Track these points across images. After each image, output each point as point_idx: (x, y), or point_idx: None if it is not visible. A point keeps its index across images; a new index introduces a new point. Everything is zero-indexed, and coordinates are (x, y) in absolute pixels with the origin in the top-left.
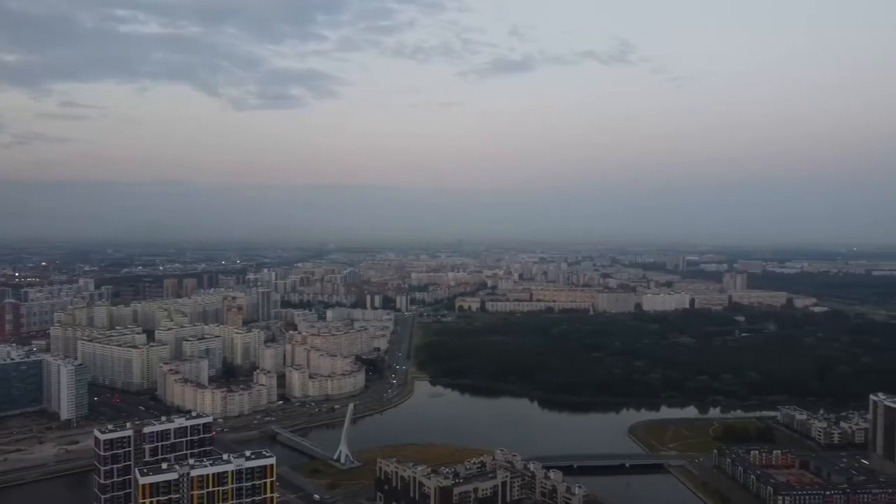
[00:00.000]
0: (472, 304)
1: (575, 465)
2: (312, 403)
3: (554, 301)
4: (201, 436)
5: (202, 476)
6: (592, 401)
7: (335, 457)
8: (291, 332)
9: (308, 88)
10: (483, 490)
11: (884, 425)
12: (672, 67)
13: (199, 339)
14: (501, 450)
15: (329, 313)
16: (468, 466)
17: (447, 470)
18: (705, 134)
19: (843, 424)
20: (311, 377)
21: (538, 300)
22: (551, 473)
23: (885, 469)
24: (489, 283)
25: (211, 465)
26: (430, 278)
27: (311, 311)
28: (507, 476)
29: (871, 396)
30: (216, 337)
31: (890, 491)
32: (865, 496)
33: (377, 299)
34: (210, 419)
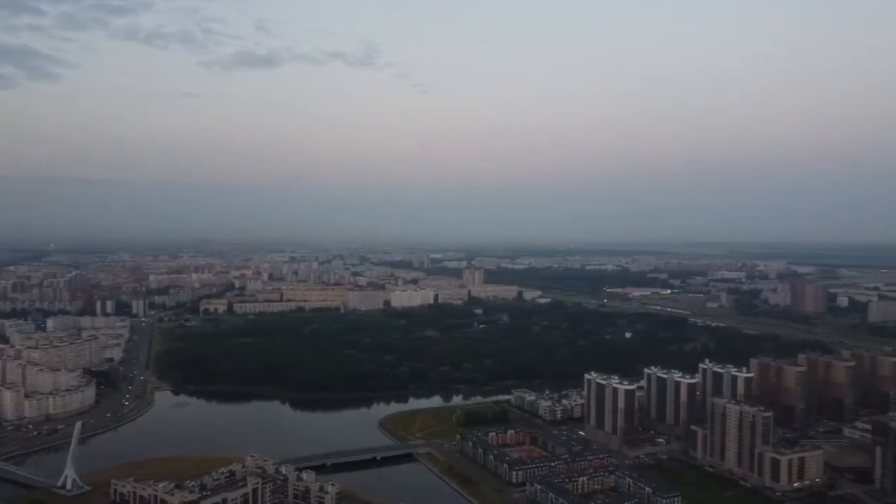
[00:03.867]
0: (219, 306)
1: (328, 464)
2: (30, 426)
3: (305, 300)
4: None
5: None
6: (345, 397)
7: (59, 483)
8: (2, 346)
9: (21, 68)
10: (233, 500)
11: (595, 400)
12: (416, 74)
13: None
14: (252, 456)
15: (50, 322)
16: (216, 477)
17: (193, 483)
18: (449, 139)
19: (564, 402)
20: (27, 396)
21: (289, 300)
22: (304, 474)
23: (597, 437)
24: (237, 283)
25: None
26: (172, 280)
27: (26, 320)
28: (258, 482)
29: (586, 375)
30: None
31: (601, 456)
32: (582, 463)
33: (110, 305)
34: None
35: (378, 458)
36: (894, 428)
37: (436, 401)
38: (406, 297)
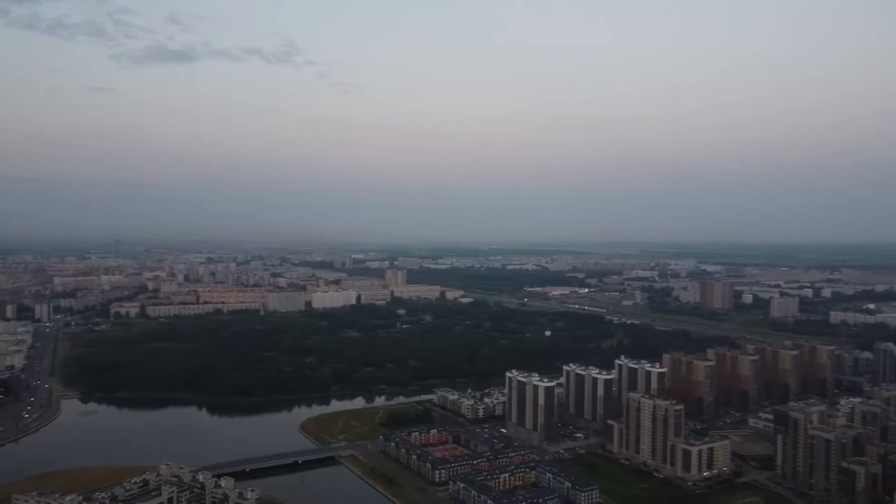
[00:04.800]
0: (131, 309)
1: (247, 469)
2: None
3: (223, 302)
4: None
5: None
6: (265, 401)
7: None
8: None
9: None
10: None
11: (516, 397)
12: (337, 73)
13: None
14: (167, 464)
15: None
16: (128, 487)
17: (103, 495)
18: (370, 139)
19: (486, 400)
20: None
21: (206, 302)
22: (222, 481)
23: (518, 434)
24: (150, 285)
25: None
26: (80, 283)
27: None
28: (173, 491)
29: (507, 373)
30: None
31: (522, 452)
32: (504, 459)
33: (10, 309)
34: None
35: (299, 461)
36: (794, 417)
37: (359, 402)
38: (328, 298)
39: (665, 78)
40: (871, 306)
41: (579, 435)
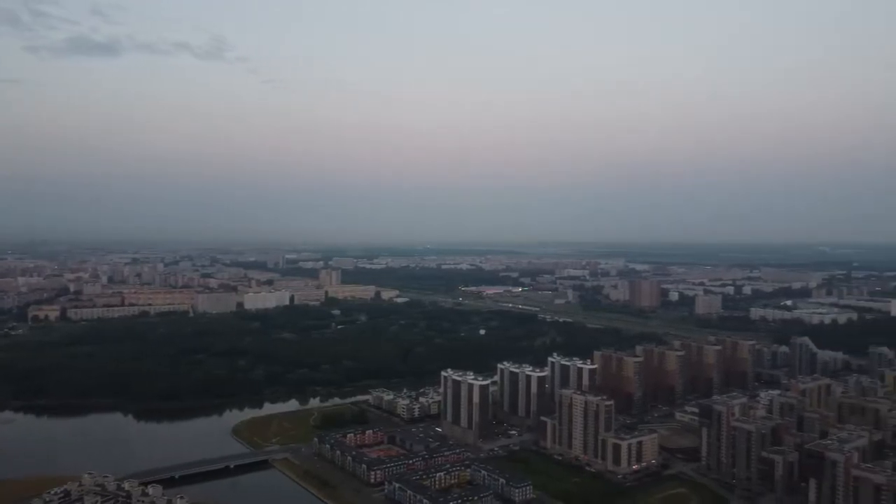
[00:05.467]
0: (51, 312)
1: (176, 476)
2: None
3: (150, 304)
4: None
5: None
6: (194, 406)
7: None
8: None
9: None
10: None
11: (451, 396)
12: (268, 69)
13: None
14: (90, 473)
15: None
16: (48, 499)
17: None
18: (303, 136)
19: (421, 399)
20: None
21: (132, 304)
22: (150, 489)
23: (454, 433)
24: (72, 287)
25: None
26: None
27: None
28: (96, 501)
29: (442, 373)
30: None
31: (457, 451)
32: (439, 458)
33: None
34: None
35: (231, 466)
36: (717, 410)
37: (292, 404)
38: (260, 299)
39: (599, 79)
40: (788, 303)
41: (513, 432)
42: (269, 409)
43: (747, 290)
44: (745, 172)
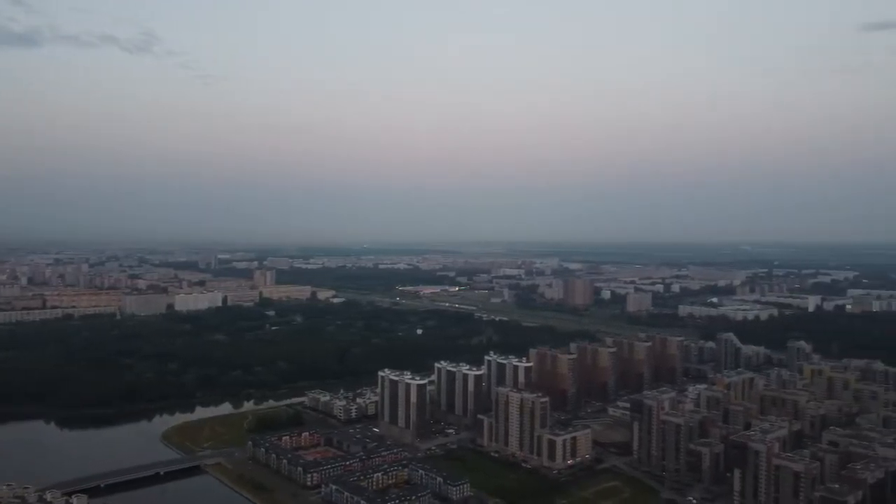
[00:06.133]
0: None
1: (102, 485)
2: None
3: (74, 307)
4: None
5: None
6: (122, 412)
7: None
8: None
9: None
10: None
11: (389, 396)
12: (200, 64)
13: None
14: (9, 484)
15: None
16: None
17: None
18: (236, 133)
19: (358, 400)
20: None
21: (54, 307)
22: (74, 499)
23: (391, 433)
24: None
25: None
26: None
27: None
28: None
29: (380, 373)
30: None
31: (395, 450)
32: (377, 459)
33: None
34: None
35: (161, 473)
36: (648, 405)
37: (226, 408)
38: (192, 300)
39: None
40: (714, 300)
41: (451, 431)
42: (201, 413)
43: (676, 288)
44: (675, 174)
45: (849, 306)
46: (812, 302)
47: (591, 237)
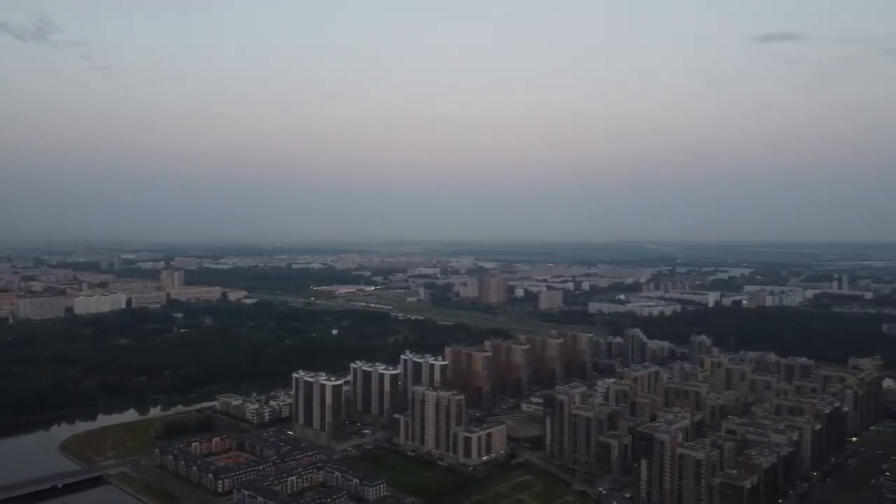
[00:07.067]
0: None
1: None
2: None
3: None
4: None
5: None
6: (16, 421)
7: None
8: None
9: None
10: None
11: (303, 398)
12: (101, 56)
13: None
14: None
15: None
16: None
17: None
18: (139, 128)
19: (272, 403)
20: None
21: None
22: None
23: (306, 435)
24: None
25: None
26: None
27: None
28: None
29: (294, 374)
30: None
31: (309, 453)
32: (291, 462)
33: None
34: None
35: (59, 485)
36: (560, 399)
37: (131, 415)
38: (93, 303)
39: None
40: (622, 297)
41: (367, 431)
42: (104, 421)
43: (585, 285)
44: (578, 175)
45: (745, 302)
46: (712, 298)
47: (505, 237)
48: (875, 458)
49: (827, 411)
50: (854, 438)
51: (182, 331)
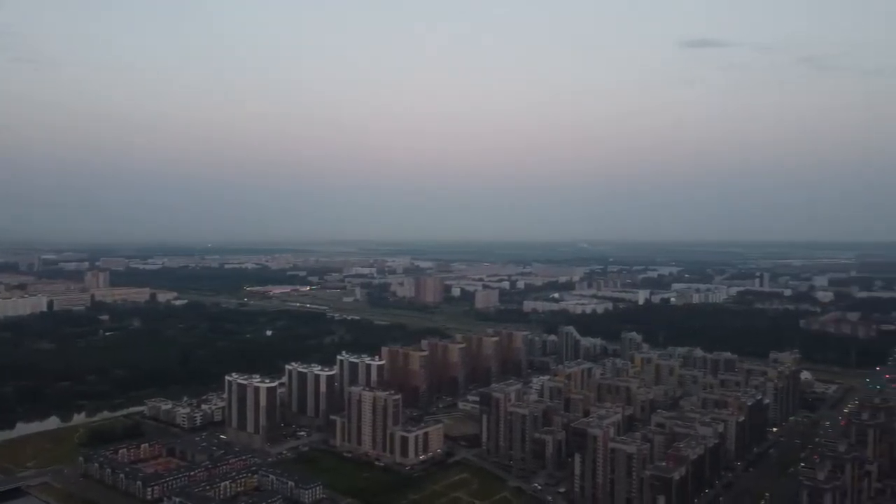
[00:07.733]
0: None
1: None
2: None
3: None
4: None
5: None
6: None
7: None
8: None
9: None
10: None
11: (237, 401)
12: (24, 47)
13: None
14: None
15: None
16: None
17: None
18: (65, 123)
19: (204, 407)
20: None
21: None
22: None
23: (240, 439)
24: None
25: None
26: None
27: None
28: None
29: (227, 377)
30: None
31: (243, 457)
32: (224, 467)
33: None
34: None
35: None
36: (496, 397)
37: (53, 422)
38: (10, 306)
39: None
40: (556, 295)
41: (302, 433)
42: (23, 429)
43: (521, 284)
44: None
45: (673, 299)
46: (642, 296)
47: (441, 236)
48: (793, 448)
49: (749, 404)
50: (774, 429)
51: (108, 334)
